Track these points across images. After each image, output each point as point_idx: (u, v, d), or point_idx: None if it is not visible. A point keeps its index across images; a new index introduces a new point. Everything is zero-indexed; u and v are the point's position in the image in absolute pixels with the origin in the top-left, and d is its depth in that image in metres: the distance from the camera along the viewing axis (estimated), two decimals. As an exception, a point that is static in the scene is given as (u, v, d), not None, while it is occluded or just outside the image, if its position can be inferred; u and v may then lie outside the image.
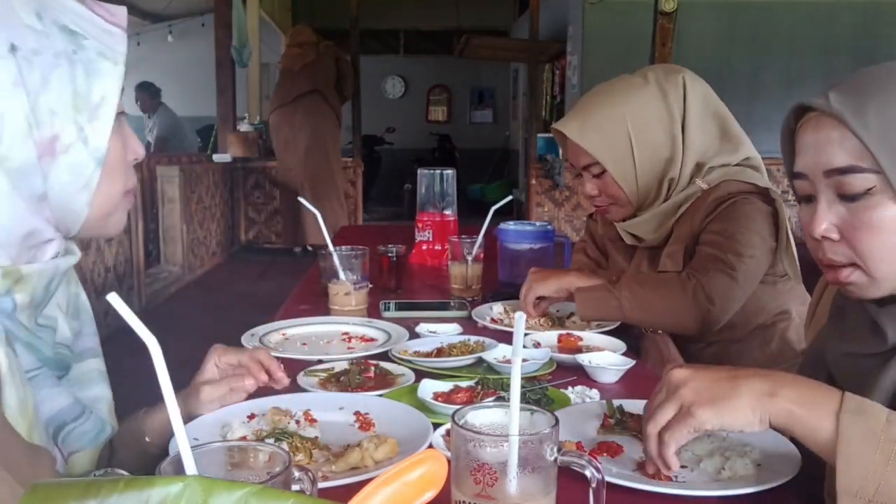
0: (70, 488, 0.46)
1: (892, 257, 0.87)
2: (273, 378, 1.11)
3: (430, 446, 0.95)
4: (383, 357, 1.35)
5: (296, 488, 0.64)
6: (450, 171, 2.43)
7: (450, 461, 0.65)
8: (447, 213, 2.39)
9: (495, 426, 0.74)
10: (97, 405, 0.95)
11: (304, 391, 1.19)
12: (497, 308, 1.72)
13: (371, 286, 1.75)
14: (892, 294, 0.90)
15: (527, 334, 1.47)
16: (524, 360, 1.18)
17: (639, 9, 6.69)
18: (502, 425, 0.73)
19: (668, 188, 1.62)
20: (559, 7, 8.42)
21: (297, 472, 0.65)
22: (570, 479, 0.76)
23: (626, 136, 1.59)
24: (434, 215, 2.39)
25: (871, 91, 0.86)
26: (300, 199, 2.04)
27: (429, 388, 1.14)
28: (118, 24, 0.85)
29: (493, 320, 1.62)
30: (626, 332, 1.54)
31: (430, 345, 1.42)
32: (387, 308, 1.71)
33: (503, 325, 1.57)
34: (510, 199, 2.19)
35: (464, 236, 1.91)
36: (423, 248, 2.37)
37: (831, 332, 1.04)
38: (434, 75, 12.76)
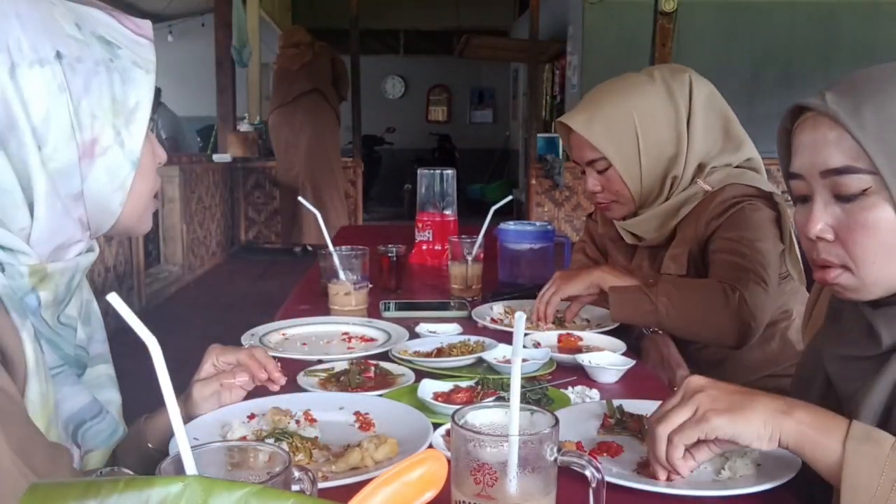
0: (70, 488, 0.46)
1: (885, 260, 0.87)
2: (271, 378, 1.11)
3: (430, 446, 0.95)
4: (383, 357, 1.35)
5: (296, 488, 0.64)
6: (450, 171, 2.43)
7: (450, 461, 0.65)
8: (447, 213, 2.39)
9: (495, 426, 0.74)
10: (108, 408, 0.97)
11: (304, 391, 1.19)
12: (497, 308, 1.72)
13: (371, 286, 1.75)
14: (883, 296, 0.90)
15: (527, 334, 1.47)
16: (524, 360, 1.18)
17: (639, 9, 6.70)
18: (502, 425, 0.73)
19: (671, 187, 1.62)
20: (559, 7, 8.42)
21: (297, 472, 0.65)
22: (570, 479, 0.76)
23: (634, 132, 1.58)
24: (434, 215, 2.39)
25: (868, 91, 0.86)
26: (300, 200, 2.03)
27: (429, 388, 1.14)
28: (146, 35, 0.92)
29: (493, 320, 1.62)
30: (626, 333, 1.54)
31: (430, 345, 1.42)
32: (387, 308, 1.71)
33: (503, 325, 1.57)
34: (510, 199, 2.19)
35: (464, 236, 1.91)
36: (423, 248, 2.37)
37: (828, 334, 1.04)
38: (434, 75, 12.76)
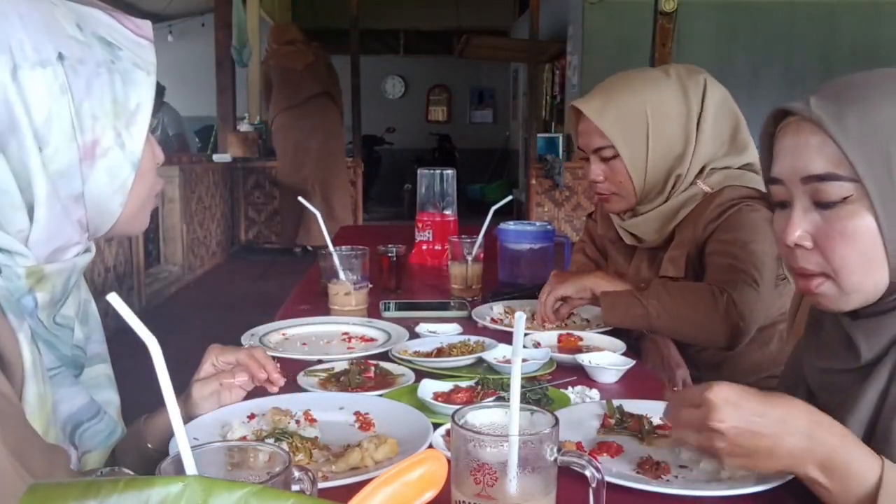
0: (70, 488, 0.46)
1: (864, 269, 0.85)
2: (270, 378, 1.11)
3: (430, 446, 0.95)
4: (383, 357, 1.35)
5: (296, 488, 0.64)
6: (450, 171, 2.43)
7: (450, 461, 0.65)
8: (447, 213, 2.39)
9: (495, 426, 0.74)
10: (106, 409, 0.97)
11: (304, 391, 1.19)
12: (497, 308, 1.72)
13: (371, 286, 1.75)
14: (862, 307, 0.89)
15: (527, 334, 1.47)
16: (524, 360, 1.18)
17: (639, 9, 6.70)
18: (502, 425, 0.73)
19: (673, 185, 1.62)
20: (559, 7, 8.42)
21: (297, 472, 0.65)
22: (570, 479, 0.76)
23: (645, 125, 1.58)
24: (434, 215, 2.39)
25: (852, 98, 0.85)
26: (301, 200, 2.03)
27: (429, 388, 1.14)
28: (146, 36, 0.91)
29: (493, 320, 1.62)
30: (625, 333, 1.53)
31: (430, 345, 1.42)
32: (387, 308, 1.71)
33: (503, 325, 1.57)
34: (510, 199, 2.19)
35: (464, 236, 1.91)
36: (423, 248, 2.37)
37: (808, 346, 1.03)
38: (434, 75, 12.76)
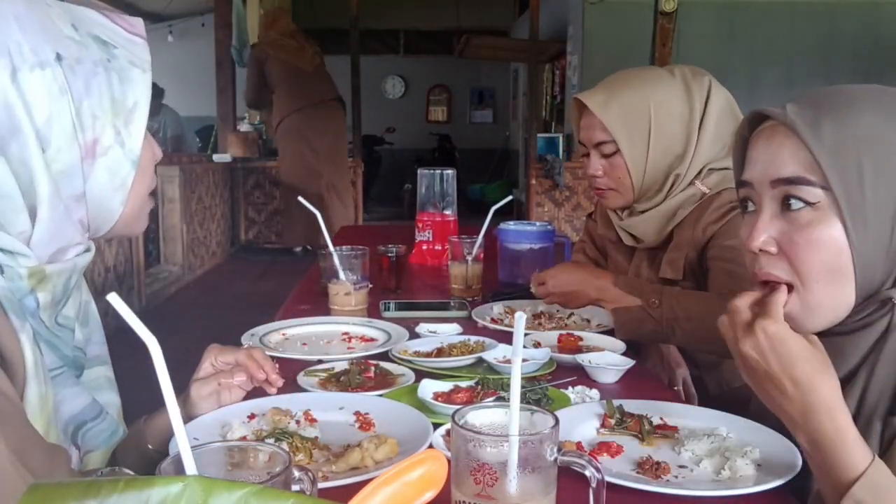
0: (70, 488, 0.46)
1: (828, 279, 0.84)
2: (268, 379, 1.11)
3: (430, 446, 0.95)
4: (383, 357, 1.35)
5: (296, 488, 0.64)
6: (450, 171, 2.43)
7: (450, 461, 0.65)
8: (447, 213, 2.39)
9: (495, 426, 0.74)
10: (108, 410, 0.97)
11: (304, 391, 1.19)
12: (497, 308, 1.72)
13: (371, 286, 1.75)
14: (827, 327, 0.87)
15: (527, 334, 1.47)
16: (524, 360, 1.18)
17: (639, 9, 6.70)
18: (502, 425, 0.73)
19: (672, 185, 1.62)
20: (559, 7, 8.42)
21: (297, 472, 0.65)
22: (570, 479, 0.76)
23: (647, 122, 1.58)
24: (434, 215, 2.39)
25: (830, 107, 0.84)
26: (300, 200, 2.03)
27: (429, 388, 1.14)
28: (139, 33, 0.91)
29: (493, 320, 1.62)
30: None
31: (430, 345, 1.42)
32: (387, 308, 1.71)
33: (503, 325, 1.57)
34: (510, 199, 2.19)
35: (464, 236, 1.91)
36: (423, 248, 2.37)
37: None
38: (434, 75, 12.76)
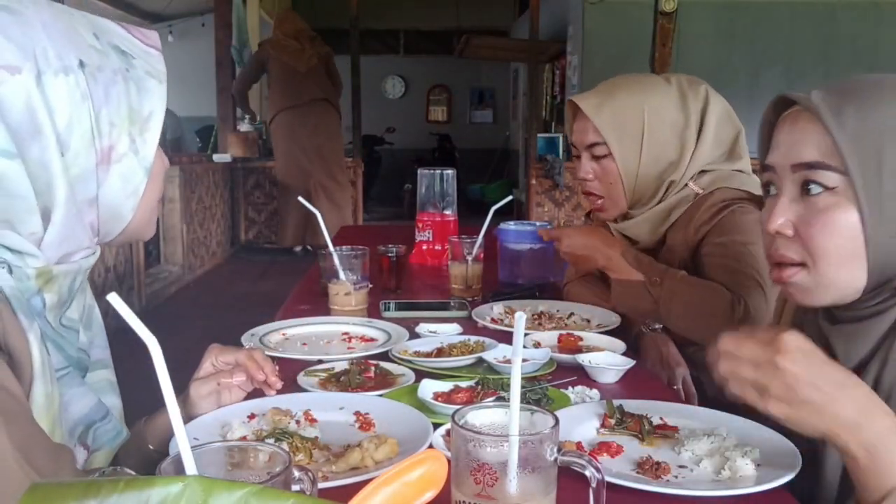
0: (70, 488, 0.46)
1: (841, 262, 0.86)
2: (268, 381, 1.11)
3: (430, 446, 0.95)
4: (383, 357, 1.35)
5: (296, 488, 0.64)
6: (450, 171, 2.43)
7: (450, 461, 0.65)
8: (447, 213, 2.39)
9: (495, 426, 0.74)
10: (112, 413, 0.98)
11: (304, 391, 1.19)
12: (497, 308, 1.72)
13: (371, 286, 1.75)
14: (835, 304, 0.88)
15: (527, 334, 1.47)
16: (524, 360, 1.18)
17: (639, 9, 6.70)
18: (502, 425, 0.73)
19: (666, 190, 1.62)
20: (559, 7, 8.42)
21: (297, 472, 0.65)
22: (570, 479, 0.76)
23: (640, 128, 1.59)
24: (434, 215, 2.38)
25: (854, 94, 0.85)
26: (300, 200, 2.03)
27: (429, 388, 1.14)
28: (154, 45, 0.94)
29: (493, 320, 1.62)
30: (625, 331, 1.54)
31: (430, 345, 1.42)
32: (387, 308, 1.71)
33: (503, 325, 1.57)
34: (510, 199, 2.19)
35: (464, 236, 1.91)
36: (424, 248, 2.37)
37: None
38: (434, 75, 12.76)
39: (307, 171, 6.72)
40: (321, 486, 0.85)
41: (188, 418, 1.04)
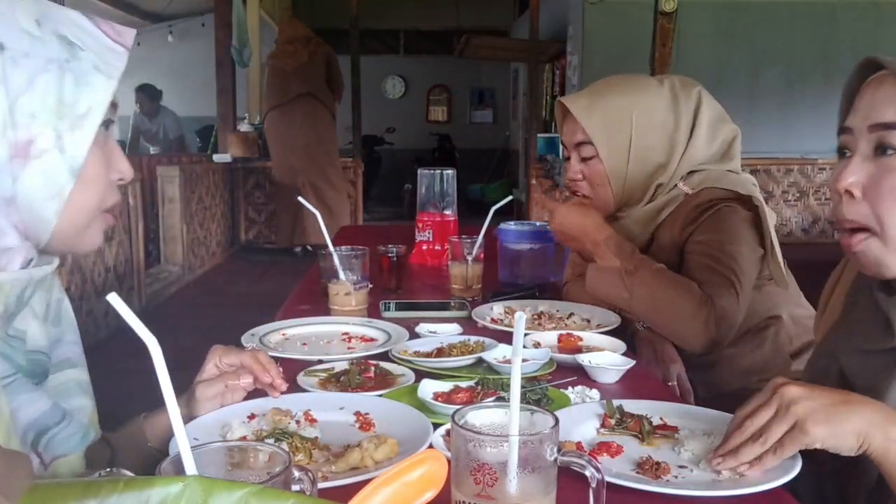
0: (70, 488, 0.46)
1: None
2: (273, 383, 1.11)
3: (430, 446, 0.95)
4: (383, 357, 1.35)
5: (296, 488, 0.64)
6: (450, 171, 2.43)
7: (450, 461, 0.65)
8: (447, 213, 2.39)
9: (495, 426, 0.74)
10: (77, 415, 0.92)
11: (304, 391, 1.19)
12: (497, 308, 1.72)
13: (371, 286, 1.75)
14: None
15: (527, 334, 1.47)
16: (524, 360, 1.18)
17: (639, 9, 6.70)
18: (502, 425, 0.73)
19: (655, 192, 1.62)
20: (559, 7, 8.43)
21: (297, 472, 0.65)
22: (570, 479, 0.76)
23: (628, 130, 1.59)
24: (434, 215, 2.38)
25: None
26: (300, 200, 2.03)
27: (429, 389, 1.14)
28: (123, 43, 0.86)
29: (493, 320, 1.62)
30: (624, 331, 1.54)
31: (430, 345, 1.42)
32: (387, 308, 1.71)
33: (503, 325, 1.57)
34: (510, 199, 2.19)
35: (464, 236, 1.90)
36: (424, 248, 2.37)
37: (843, 328, 1.03)
38: (434, 75, 12.76)
39: (296, 171, 6.73)
40: (321, 486, 0.84)
41: (189, 418, 1.04)
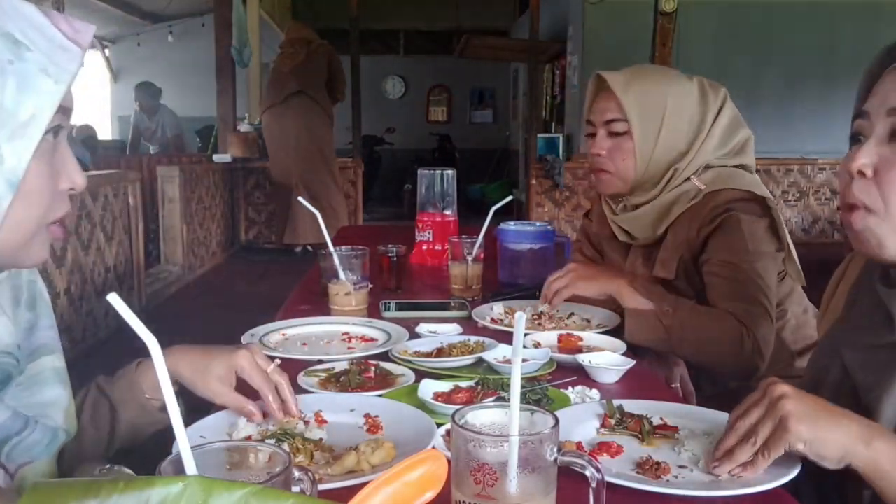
0: (70, 488, 0.46)
1: None
2: (286, 409, 1.03)
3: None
4: (383, 357, 1.35)
5: (296, 489, 0.64)
6: (450, 171, 2.43)
7: (450, 461, 0.65)
8: (447, 213, 2.39)
9: (495, 426, 0.74)
10: (49, 410, 0.88)
11: (304, 391, 1.19)
12: (497, 308, 1.72)
13: (371, 286, 1.75)
14: None
15: (527, 334, 1.47)
16: (524, 360, 1.18)
17: (639, 9, 6.69)
18: (502, 425, 0.73)
19: (669, 180, 1.64)
20: (559, 7, 8.43)
21: (297, 473, 0.65)
22: (570, 479, 0.76)
23: (661, 113, 1.62)
24: (434, 215, 2.38)
25: None
26: (300, 200, 2.03)
27: (429, 389, 1.14)
28: (79, 42, 0.78)
29: (493, 320, 1.62)
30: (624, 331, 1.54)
31: (430, 345, 1.42)
32: (387, 308, 1.71)
33: (503, 325, 1.57)
34: (510, 199, 2.19)
35: (464, 236, 1.90)
36: (424, 248, 2.37)
37: (845, 324, 1.03)
38: (434, 75, 12.76)
39: (289, 171, 6.72)
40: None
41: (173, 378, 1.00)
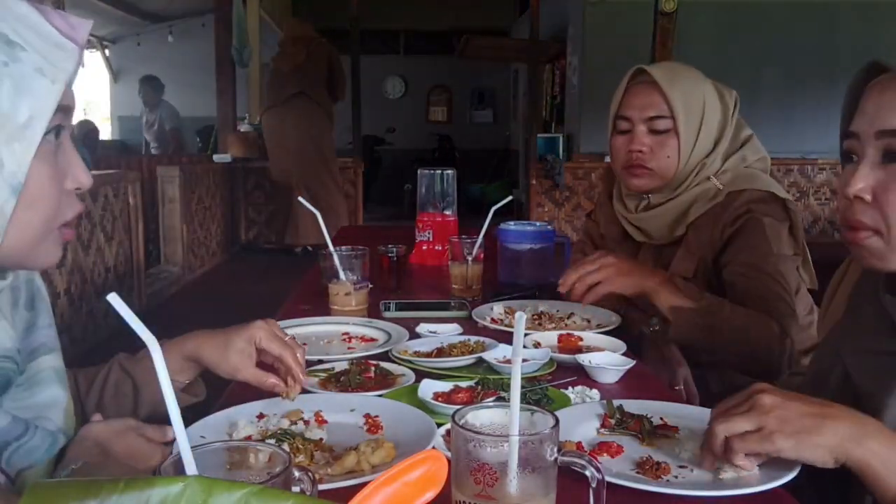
0: (70, 488, 0.46)
1: None
2: (290, 388, 1.07)
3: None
4: (383, 357, 1.35)
5: (296, 489, 0.64)
6: (450, 172, 2.43)
7: (450, 461, 0.65)
8: (447, 213, 2.39)
9: (495, 426, 0.74)
10: (49, 412, 0.88)
11: (305, 391, 1.18)
12: (497, 308, 1.72)
13: (371, 286, 1.75)
14: None
15: (527, 334, 1.47)
16: (524, 360, 1.18)
17: (639, 9, 6.69)
18: (502, 425, 0.73)
19: (695, 177, 1.65)
20: (559, 7, 8.42)
21: (297, 473, 0.65)
22: (570, 479, 0.76)
23: (701, 110, 1.64)
24: (434, 215, 2.38)
25: None
26: (300, 200, 2.03)
27: (429, 389, 1.14)
28: (74, 38, 0.77)
29: (493, 320, 1.62)
30: (625, 332, 1.54)
31: (430, 345, 1.42)
32: (387, 308, 1.71)
33: (503, 325, 1.57)
34: (510, 199, 2.19)
35: (464, 236, 1.91)
36: (424, 248, 2.37)
37: (846, 327, 1.03)
38: (434, 75, 12.76)
39: (289, 171, 6.70)
40: (318, 487, 0.84)
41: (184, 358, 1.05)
